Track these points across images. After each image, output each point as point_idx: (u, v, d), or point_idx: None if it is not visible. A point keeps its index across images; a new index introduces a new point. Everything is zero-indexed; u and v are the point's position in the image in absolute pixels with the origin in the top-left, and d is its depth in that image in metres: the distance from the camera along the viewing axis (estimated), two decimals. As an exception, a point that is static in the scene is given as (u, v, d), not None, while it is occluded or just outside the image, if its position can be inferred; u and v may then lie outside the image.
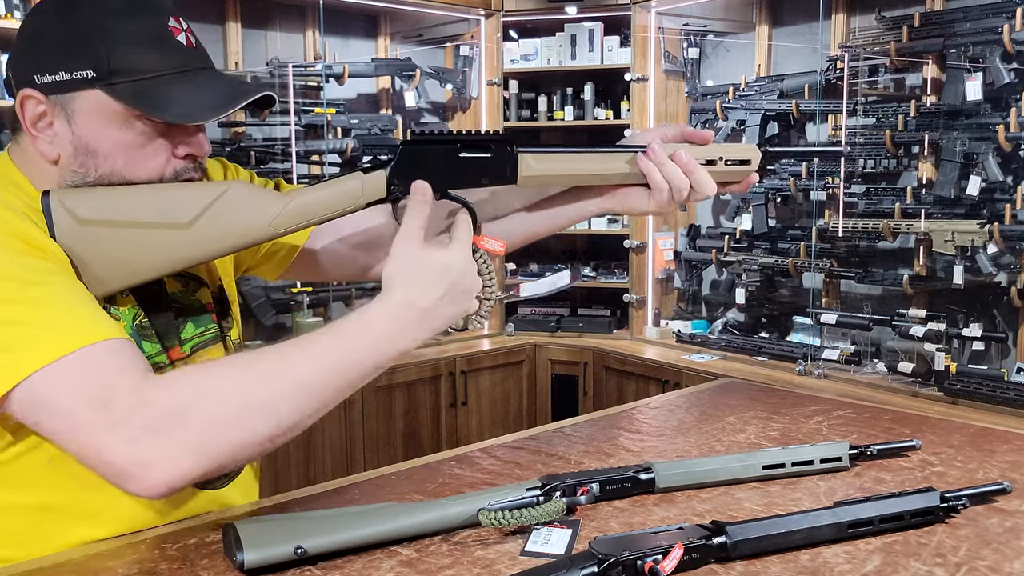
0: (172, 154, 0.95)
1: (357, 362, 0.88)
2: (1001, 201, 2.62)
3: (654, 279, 3.74)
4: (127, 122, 0.91)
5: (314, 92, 3.48)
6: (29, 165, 0.96)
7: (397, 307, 0.89)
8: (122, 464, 0.79)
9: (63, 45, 0.90)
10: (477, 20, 3.74)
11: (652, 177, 1.01)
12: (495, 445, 1.24)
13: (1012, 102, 2.59)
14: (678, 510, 0.98)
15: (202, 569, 0.84)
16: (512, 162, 0.98)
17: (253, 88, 0.95)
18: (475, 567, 0.84)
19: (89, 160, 0.92)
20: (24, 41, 0.94)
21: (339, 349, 0.87)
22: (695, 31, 3.67)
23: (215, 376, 0.84)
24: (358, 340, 0.88)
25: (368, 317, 0.89)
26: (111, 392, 0.80)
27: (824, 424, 1.33)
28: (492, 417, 3.56)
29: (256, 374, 0.84)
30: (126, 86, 0.90)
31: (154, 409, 0.79)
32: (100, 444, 0.79)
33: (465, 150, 0.96)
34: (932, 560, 0.85)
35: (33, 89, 0.91)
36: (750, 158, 1.05)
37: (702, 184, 1.03)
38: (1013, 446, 1.21)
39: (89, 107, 0.91)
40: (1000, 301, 2.77)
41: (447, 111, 3.99)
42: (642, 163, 1.02)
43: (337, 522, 0.87)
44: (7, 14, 2.71)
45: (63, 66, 0.90)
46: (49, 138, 0.93)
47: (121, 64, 0.89)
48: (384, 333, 0.89)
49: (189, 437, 0.80)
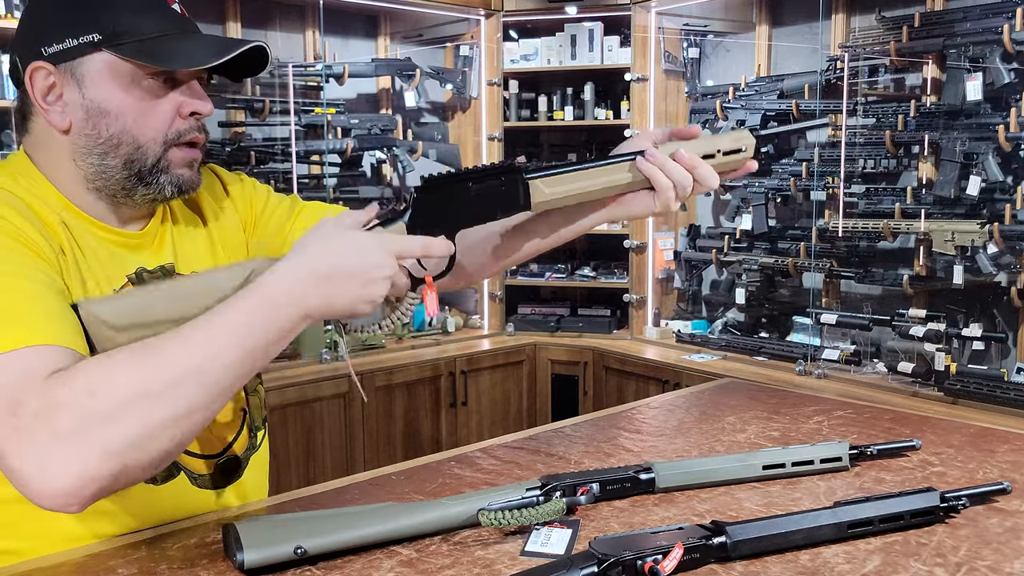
0: (178, 112, 1.00)
1: (258, 332, 0.85)
2: (1001, 201, 2.62)
3: (654, 279, 3.74)
4: (134, 80, 0.96)
5: (314, 92, 3.48)
6: (42, 153, 1.00)
7: (296, 268, 0.87)
8: (24, 472, 0.76)
9: (68, 15, 0.96)
10: (477, 20, 3.74)
11: (656, 179, 1.01)
12: (495, 445, 1.24)
13: (1012, 102, 2.59)
14: (678, 510, 0.98)
15: (202, 569, 0.84)
16: (524, 190, 0.98)
17: (244, 40, 1.00)
18: (475, 567, 0.84)
19: (100, 121, 0.97)
20: (29, 20, 0.99)
21: (237, 324, 0.84)
22: (695, 31, 3.67)
23: (113, 369, 0.80)
24: (256, 308, 0.85)
25: (266, 278, 0.87)
26: (22, 397, 0.77)
27: (824, 424, 1.33)
28: (492, 417, 3.56)
29: (156, 362, 0.81)
30: (131, 45, 0.95)
31: (57, 415, 0.77)
32: (6, 452, 0.77)
33: (476, 185, 0.96)
34: (932, 560, 0.85)
35: (42, 60, 0.96)
36: (745, 146, 1.05)
37: (706, 178, 1.02)
38: (1013, 446, 1.21)
39: (97, 69, 0.96)
40: (1000, 301, 2.77)
41: (447, 111, 3.99)
42: (644, 167, 1.02)
43: (337, 522, 0.87)
44: (7, 14, 2.71)
45: (69, 33, 0.95)
46: (60, 108, 0.97)
47: (125, 27, 0.95)
48: (282, 294, 0.86)
49: (88, 438, 0.76)
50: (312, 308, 0.87)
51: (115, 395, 0.78)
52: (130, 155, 0.98)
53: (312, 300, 0.87)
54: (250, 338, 0.84)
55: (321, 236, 0.90)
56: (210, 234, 1.14)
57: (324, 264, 0.87)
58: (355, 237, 0.90)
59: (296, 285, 0.87)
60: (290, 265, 0.88)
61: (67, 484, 0.76)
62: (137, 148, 0.98)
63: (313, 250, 0.89)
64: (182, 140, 1.00)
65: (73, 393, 0.78)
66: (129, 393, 0.79)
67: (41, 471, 0.76)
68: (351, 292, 0.88)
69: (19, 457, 0.76)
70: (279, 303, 0.86)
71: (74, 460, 0.76)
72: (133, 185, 0.99)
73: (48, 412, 0.77)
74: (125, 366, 0.81)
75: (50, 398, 0.77)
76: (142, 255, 1.05)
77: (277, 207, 1.20)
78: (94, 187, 1.00)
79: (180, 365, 0.81)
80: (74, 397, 0.77)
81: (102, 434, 0.77)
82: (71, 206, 0.99)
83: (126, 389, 0.79)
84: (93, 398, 0.78)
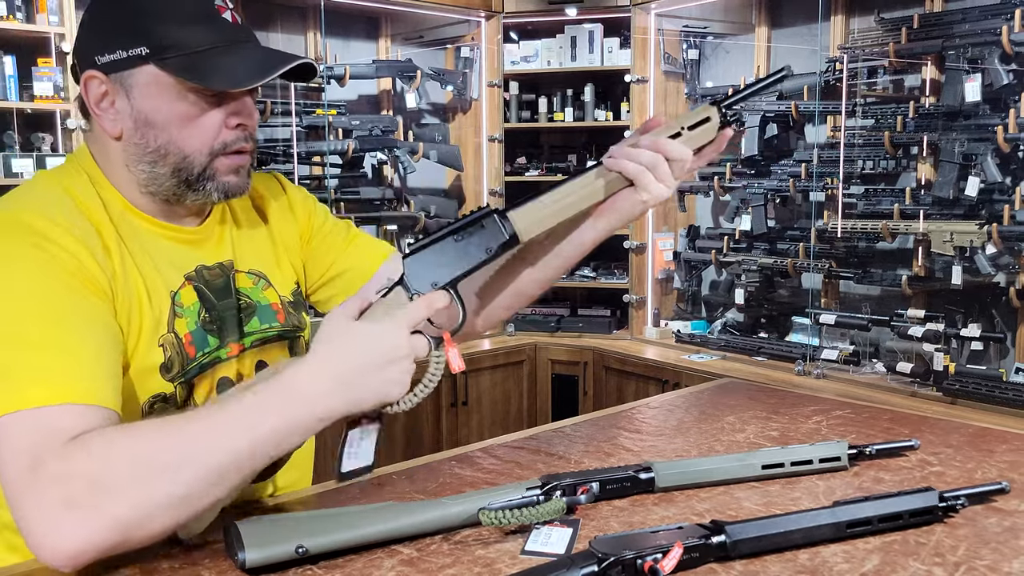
0: (224, 124, 1.00)
1: (268, 430, 0.85)
2: (1000, 202, 2.63)
3: (654, 279, 3.75)
4: (180, 94, 0.98)
5: (315, 93, 3.48)
6: (101, 153, 1.03)
7: (312, 370, 0.87)
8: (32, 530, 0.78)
9: (119, 27, 0.97)
10: (478, 22, 3.74)
11: (626, 168, 1.00)
12: (495, 445, 1.24)
13: (1011, 103, 2.59)
14: (678, 509, 0.99)
15: (204, 568, 0.85)
16: (505, 224, 0.98)
17: (292, 56, 1.00)
18: (476, 566, 0.84)
19: (148, 131, 0.99)
20: (85, 28, 1.01)
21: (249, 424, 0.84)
22: (694, 32, 3.68)
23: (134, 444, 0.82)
24: (268, 407, 0.85)
25: (282, 378, 0.87)
26: (44, 457, 0.79)
27: (823, 424, 1.33)
28: (492, 417, 3.56)
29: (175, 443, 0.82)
30: (176, 60, 0.96)
31: (73, 483, 0.78)
32: (20, 506, 0.79)
33: (459, 237, 0.96)
34: (931, 560, 0.85)
35: (95, 70, 0.98)
36: (708, 115, 1.03)
37: (675, 151, 1.00)
38: (1011, 446, 1.22)
39: (145, 82, 0.97)
40: (999, 301, 2.77)
41: (448, 112, 3.99)
42: (611, 163, 1.01)
43: (338, 521, 0.87)
44: (9, 15, 2.72)
45: (120, 45, 0.97)
46: (112, 116, 0.99)
47: (172, 40, 0.96)
48: (298, 395, 0.86)
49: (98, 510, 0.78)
50: (333, 410, 0.88)
51: (131, 469, 0.80)
52: (177, 164, 1.00)
53: (333, 403, 0.87)
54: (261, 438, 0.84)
55: (331, 337, 0.89)
56: (271, 235, 1.17)
57: (343, 367, 0.87)
58: (364, 328, 0.90)
59: (317, 393, 0.86)
60: (310, 374, 0.87)
61: (70, 550, 0.78)
62: (184, 158, 0.99)
63: (328, 355, 0.88)
64: (229, 150, 1.01)
65: (92, 461, 0.79)
66: (144, 468, 0.80)
67: (48, 534, 0.78)
68: (375, 383, 0.89)
69: (31, 516, 0.78)
70: (298, 412, 0.86)
71: (81, 529, 0.78)
72: (183, 191, 1.02)
73: (65, 479, 0.78)
74: (146, 441, 0.82)
75: (68, 464, 0.79)
76: (201, 251, 1.08)
77: (333, 228, 1.23)
78: (148, 191, 1.02)
79: (194, 449, 0.82)
80: (92, 466, 0.79)
81: (112, 507, 0.78)
82: (129, 206, 1.02)
83: (142, 465, 0.80)
84: (110, 469, 0.79)
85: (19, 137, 2.82)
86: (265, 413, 0.84)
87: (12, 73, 2.76)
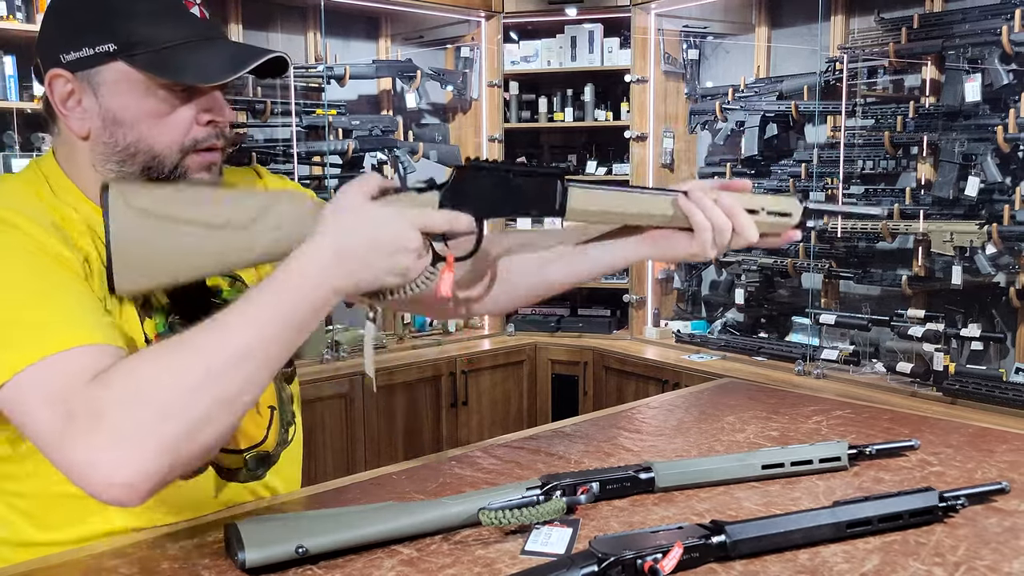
0: (195, 121, 0.98)
1: (288, 314, 0.86)
2: (1000, 202, 2.63)
3: (654, 279, 3.75)
4: (149, 90, 0.95)
5: (315, 93, 3.48)
6: (66, 152, 1.00)
7: (320, 249, 0.88)
8: (85, 474, 0.79)
9: (85, 23, 0.95)
10: (478, 22, 3.74)
11: (695, 218, 1.01)
12: (495, 445, 1.24)
13: (1011, 103, 2.59)
14: (678, 509, 0.99)
15: (203, 568, 0.85)
16: (562, 194, 0.98)
17: (264, 51, 0.98)
18: (476, 566, 0.84)
19: (117, 130, 0.96)
20: (48, 25, 0.99)
21: (268, 308, 0.86)
22: (694, 32, 3.68)
23: (155, 367, 0.83)
24: (284, 292, 0.86)
25: (292, 262, 0.88)
26: (73, 404, 0.80)
27: (823, 424, 1.33)
28: (492, 417, 3.56)
29: (194, 355, 0.83)
30: (145, 56, 0.94)
31: (108, 419, 0.79)
32: (64, 457, 0.80)
33: (517, 178, 0.96)
34: (931, 560, 0.85)
35: (60, 68, 0.95)
36: (791, 211, 1.05)
37: (745, 227, 1.01)
38: (1012, 446, 1.22)
39: (113, 79, 0.95)
40: (999, 301, 2.77)
41: (448, 112, 3.99)
42: (684, 204, 1.01)
43: (338, 521, 0.87)
44: (9, 15, 2.72)
45: (86, 42, 0.94)
46: (79, 115, 0.97)
47: (140, 36, 0.94)
48: (309, 277, 0.87)
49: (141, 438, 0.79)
50: (339, 285, 0.88)
51: (161, 393, 0.80)
52: (147, 162, 0.98)
53: (338, 278, 0.88)
54: (280, 321, 0.85)
55: (341, 210, 0.90)
56: None
57: (346, 241, 0.88)
58: (376, 211, 0.90)
59: (321, 266, 0.87)
60: (313, 247, 0.88)
61: (127, 482, 0.79)
62: (153, 157, 0.97)
63: (334, 228, 0.89)
64: (200, 147, 0.99)
65: (119, 396, 0.80)
66: (174, 389, 0.81)
67: (101, 473, 0.79)
68: (376, 266, 0.89)
69: (79, 461, 0.79)
70: (306, 286, 0.87)
71: (131, 460, 0.79)
72: None
73: (99, 417, 0.79)
74: (166, 362, 0.82)
75: (98, 403, 0.80)
76: None
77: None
78: None
79: (216, 355, 0.83)
80: (121, 399, 0.80)
81: (154, 432, 0.79)
82: (98, 209, 0.99)
83: (170, 386, 0.81)
84: (139, 398, 0.80)
85: (19, 137, 2.82)
86: (272, 301, 0.85)
87: (12, 73, 2.76)
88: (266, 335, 0.85)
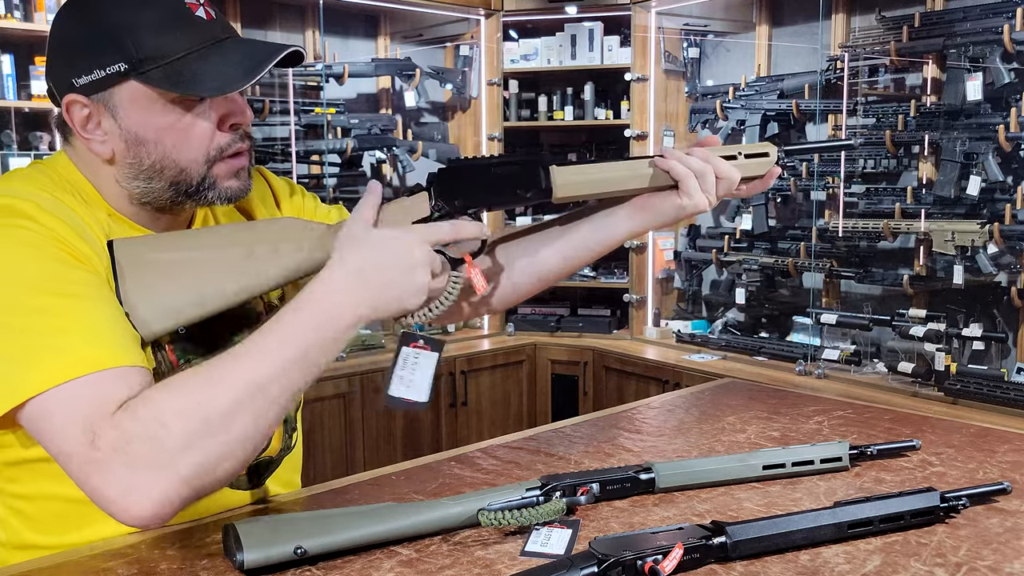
0: (217, 128, 0.97)
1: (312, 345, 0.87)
2: (1001, 201, 2.62)
3: (654, 279, 3.74)
4: (166, 106, 0.94)
5: (314, 92, 3.48)
6: (86, 166, 1.00)
7: (331, 276, 0.90)
8: (109, 499, 0.81)
9: (90, 45, 0.93)
10: (477, 20, 3.74)
11: (675, 169, 1.01)
12: (495, 445, 1.24)
13: (1012, 102, 2.59)
14: (678, 510, 0.98)
15: (202, 569, 0.84)
16: (545, 175, 1.00)
17: (279, 48, 0.96)
18: (475, 567, 0.84)
19: (140, 149, 0.95)
20: (54, 51, 0.97)
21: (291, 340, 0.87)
22: (695, 31, 3.68)
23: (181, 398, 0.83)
24: (308, 322, 0.88)
25: (311, 291, 0.89)
26: (98, 429, 0.81)
27: (824, 424, 1.33)
28: (492, 417, 3.56)
29: (218, 387, 0.84)
30: (157, 71, 0.92)
31: (133, 448, 0.81)
32: (89, 480, 0.82)
33: (497, 168, 0.99)
34: (932, 560, 0.85)
35: (74, 93, 0.94)
36: (767, 150, 1.06)
37: (725, 171, 1.03)
38: (1013, 446, 1.21)
39: (128, 98, 0.94)
40: (1000, 301, 2.77)
41: (447, 111, 3.99)
42: (661, 162, 1.02)
43: (337, 522, 0.87)
44: (7, 14, 2.71)
45: (96, 64, 0.92)
46: (100, 138, 0.96)
47: (148, 51, 0.92)
48: (333, 306, 0.88)
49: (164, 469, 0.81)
50: (362, 313, 0.90)
51: (185, 425, 0.82)
52: (174, 177, 0.97)
53: (362, 306, 0.89)
54: (303, 352, 0.87)
55: (353, 239, 0.92)
56: None
57: (365, 266, 0.90)
58: (385, 233, 0.92)
59: (345, 293, 0.89)
60: (334, 275, 0.90)
61: (150, 510, 0.82)
62: (180, 171, 0.97)
63: (351, 255, 0.90)
64: (225, 154, 0.98)
65: (145, 425, 0.81)
66: (198, 421, 0.82)
67: (125, 499, 0.81)
68: (396, 287, 0.90)
69: (103, 487, 0.81)
70: (331, 315, 0.88)
71: (153, 488, 0.81)
72: (182, 201, 0.99)
73: (124, 446, 0.81)
74: (192, 393, 0.84)
75: (124, 431, 0.81)
76: None
77: (327, 215, 1.22)
78: (139, 203, 1.00)
79: (241, 386, 0.84)
80: (146, 429, 0.81)
81: (177, 464, 0.81)
82: (115, 213, 1.00)
83: (195, 418, 0.82)
84: (164, 429, 0.81)
85: (17, 136, 2.82)
86: (291, 336, 0.87)
87: (10, 72, 2.76)
88: (287, 367, 0.86)
